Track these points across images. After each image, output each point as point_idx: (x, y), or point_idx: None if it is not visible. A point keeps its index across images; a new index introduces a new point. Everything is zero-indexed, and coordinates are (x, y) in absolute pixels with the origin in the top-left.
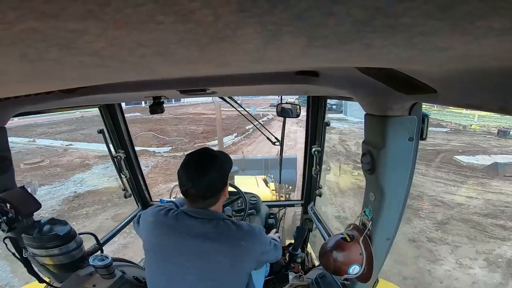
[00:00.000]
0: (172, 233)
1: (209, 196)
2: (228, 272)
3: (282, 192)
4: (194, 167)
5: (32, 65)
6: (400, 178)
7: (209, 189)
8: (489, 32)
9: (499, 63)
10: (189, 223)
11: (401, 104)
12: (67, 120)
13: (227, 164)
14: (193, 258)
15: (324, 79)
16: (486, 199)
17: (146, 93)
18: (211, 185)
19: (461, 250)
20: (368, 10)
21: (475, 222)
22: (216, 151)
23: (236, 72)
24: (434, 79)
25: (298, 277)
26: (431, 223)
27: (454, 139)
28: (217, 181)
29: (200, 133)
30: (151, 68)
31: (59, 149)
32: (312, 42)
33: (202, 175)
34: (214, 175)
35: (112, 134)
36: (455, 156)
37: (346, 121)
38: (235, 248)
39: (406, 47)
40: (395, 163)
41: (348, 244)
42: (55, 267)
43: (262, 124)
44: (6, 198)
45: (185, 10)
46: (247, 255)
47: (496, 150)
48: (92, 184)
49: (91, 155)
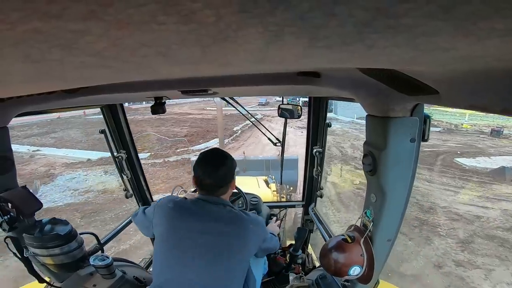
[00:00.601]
0: (192, 217)
1: (223, 185)
2: (238, 252)
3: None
4: (209, 162)
5: (35, 66)
6: (402, 179)
7: (223, 179)
8: (492, 33)
9: (502, 64)
10: (208, 208)
11: (403, 105)
12: (40, 122)
13: (233, 160)
14: (211, 238)
15: (325, 80)
16: (502, 209)
17: (148, 93)
18: (223, 175)
19: (496, 274)
20: (370, 11)
21: (502, 238)
22: (223, 150)
23: (238, 72)
24: (436, 80)
25: (298, 278)
26: (454, 242)
27: (449, 139)
28: (227, 172)
29: (183, 135)
30: (153, 68)
31: (25, 155)
32: (314, 43)
33: (216, 168)
34: (225, 168)
35: (113, 134)
36: (455, 159)
37: (337, 120)
38: (246, 230)
39: (408, 48)
40: (396, 164)
41: (349, 245)
42: (56, 267)
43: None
44: (7, 198)
45: (187, 10)
46: (254, 237)
47: (493, 151)
48: (51, 199)
49: (58, 163)
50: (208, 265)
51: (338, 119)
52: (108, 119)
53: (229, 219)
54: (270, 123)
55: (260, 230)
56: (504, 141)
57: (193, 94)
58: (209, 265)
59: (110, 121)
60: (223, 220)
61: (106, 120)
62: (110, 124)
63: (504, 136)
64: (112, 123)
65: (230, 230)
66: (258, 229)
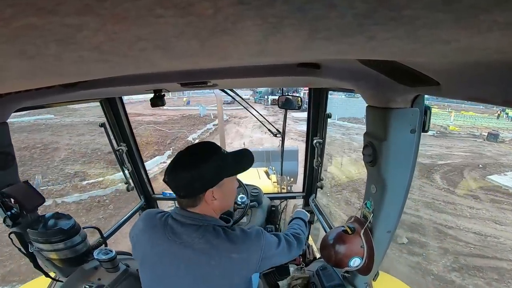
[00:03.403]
0: (161, 241)
1: (184, 196)
2: (221, 284)
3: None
4: (178, 161)
5: (32, 61)
6: (402, 170)
7: (185, 188)
8: (493, 26)
9: (503, 56)
10: (176, 229)
11: (403, 96)
12: None
13: (207, 165)
14: (183, 267)
15: (325, 71)
16: None
17: (147, 86)
18: (186, 184)
19: None
20: (370, 2)
21: None
22: (212, 148)
23: (237, 64)
24: (437, 72)
25: (299, 269)
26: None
27: (451, 146)
28: (192, 181)
29: (108, 152)
30: (152, 62)
31: None
32: (313, 35)
33: (177, 173)
34: (187, 174)
35: (113, 128)
36: (487, 177)
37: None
38: (225, 261)
39: (409, 40)
40: (397, 155)
41: (349, 237)
42: (61, 262)
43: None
44: (10, 193)
45: (185, 3)
46: (240, 268)
47: (506, 161)
48: None
49: None
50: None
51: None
52: (107, 113)
53: (203, 247)
54: (238, 126)
55: (252, 255)
56: (504, 146)
57: (193, 86)
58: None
59: (109, 115)
60: (195, 248)
61: (105, 113)
62: (109, 118)
63: (501, 140)
64: (111, 116)
65: (205, 260)
66: (248, 255)
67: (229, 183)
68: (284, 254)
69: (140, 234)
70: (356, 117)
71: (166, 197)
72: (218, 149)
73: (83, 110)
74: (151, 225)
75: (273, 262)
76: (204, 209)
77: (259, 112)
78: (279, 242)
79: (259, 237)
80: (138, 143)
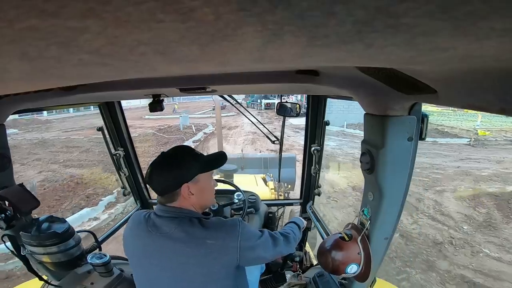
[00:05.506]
0: (144, 234)
1: (162, 192)
2: (200, 274)
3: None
4: (152, 163)
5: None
6: (399, 178)
7: (160, 184)
8: (491, 33)
9: (500, 64)
10: (157, 222)
11: (401, 104)
12: None
13: (181, 162)
14: (165, 258)
15: (324, 79)
16: None
17: (146, 91)
18: (162, 181)
19: None
20: (369, 10)
21: None
22: (185, 149)
23: (237, 70)
24: (434, 79)
25: (296, 276)
26: None
27: (501, 159)
28: (168, 177)
29: (62, 183)
30: (151, 66)
31: None
32: (313, 42)
33: (153, 171)
34: (163, 173)
35: (111, 132)
36: None
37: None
38: (201, 247)
39: (407, 47)
40: (394, 163)
41: (346, 243)
42: (53, 265)
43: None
44: (4, 196)
45: (186, 8)
46: (217, 255)
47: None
48: None
49: None
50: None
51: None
52: (105, 117)
53: (178, 236)
54: (225, 142)
55: (229, 241)
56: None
57: (192, 91)
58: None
59: (107, 119)
60: (172, 237)
61: (104, 117)
62: (108, 122)
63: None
64: (110, 120)
65: (181, 249)
66: (224, 241)
67: (205, 179)
68: (268, 247)
69: (128, 232)
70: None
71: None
72: (192, 150)
73: (55, 123)
74: (137, 222)
75: (257, 255)
76: (182, 204)
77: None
78: (262, 234)
79: (234, 225)
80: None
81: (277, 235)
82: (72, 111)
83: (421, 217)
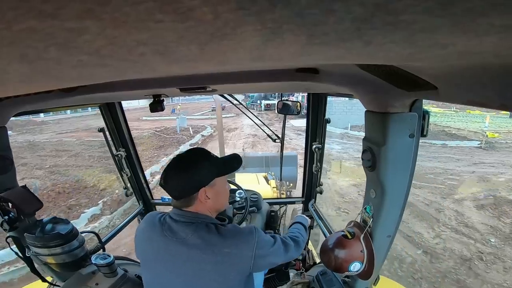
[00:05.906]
0: (159, 238)
1: (178, 197)
2: (215, 281)
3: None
4: (168, 166)
5: (32, 65)
6: (401, 175)
7: (177, 189)
8: (490, 29)
9: (500, 60)
10: (173, 227)
11: (401, 101)
12: None
13: (198, 166)
14: (179, 263)
15: (324, 76)
16: None
17: (147, 91)
18: (179, 185)
19: None
20: (368, 7)
21: None
22: (201, 152)
23: (237, 69)
24: (434, 76)
25: (299, 274)
26: None
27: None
28: (185, 182)
29: (43, 192)
30: (151, 66)
31: None
32: (312, 40)
33: (170, 175)
34: (179, 176)
35: (112, 133)
36: None
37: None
38: (217, 255)
39: (406, 44)
40: (395, 160)
41: (349, 241)
42: (58, 266)
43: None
44: (7, 198)
45: (185, 8)
46: (233, 263)
47: None
48: None
49: None
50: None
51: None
52: (106, 118)
53: (195, 242)
54: (226, 144)
55: (244, 250)
56: None
57: (192, 91)
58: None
59: (108, 120)
60: (188, 244)
61: (104, 118)
62: (109, 123)
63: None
64: (111, 121)
65: (197, 255)
66: (240, 250)
67: (221, 183)
68: (280, 254)
69: (141, 233)
70: None
71: (165, 202)
72: (208, 153)
73: (51, 124)
74: (151, 224)
75: (269, 262)
76: (198, 208)
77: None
78: (274, 241)
79: (251, 234)
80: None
81: (287, 240)
82: (69, 112)
83: (444, 229)
